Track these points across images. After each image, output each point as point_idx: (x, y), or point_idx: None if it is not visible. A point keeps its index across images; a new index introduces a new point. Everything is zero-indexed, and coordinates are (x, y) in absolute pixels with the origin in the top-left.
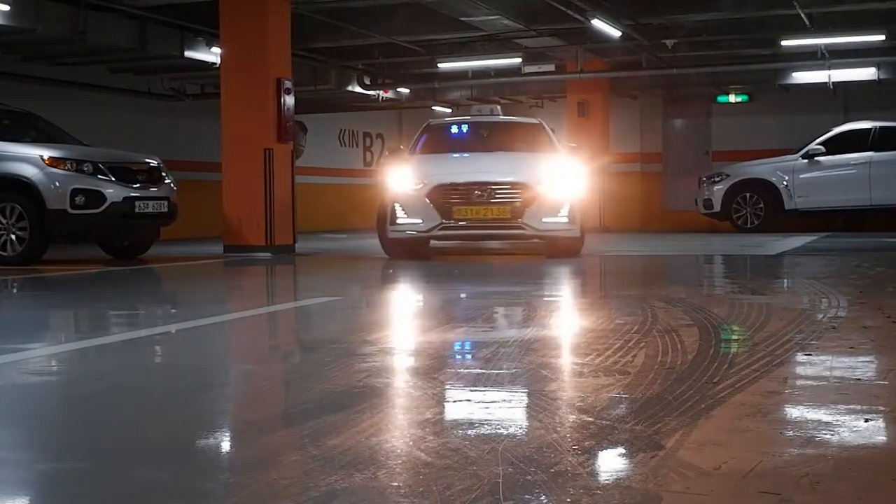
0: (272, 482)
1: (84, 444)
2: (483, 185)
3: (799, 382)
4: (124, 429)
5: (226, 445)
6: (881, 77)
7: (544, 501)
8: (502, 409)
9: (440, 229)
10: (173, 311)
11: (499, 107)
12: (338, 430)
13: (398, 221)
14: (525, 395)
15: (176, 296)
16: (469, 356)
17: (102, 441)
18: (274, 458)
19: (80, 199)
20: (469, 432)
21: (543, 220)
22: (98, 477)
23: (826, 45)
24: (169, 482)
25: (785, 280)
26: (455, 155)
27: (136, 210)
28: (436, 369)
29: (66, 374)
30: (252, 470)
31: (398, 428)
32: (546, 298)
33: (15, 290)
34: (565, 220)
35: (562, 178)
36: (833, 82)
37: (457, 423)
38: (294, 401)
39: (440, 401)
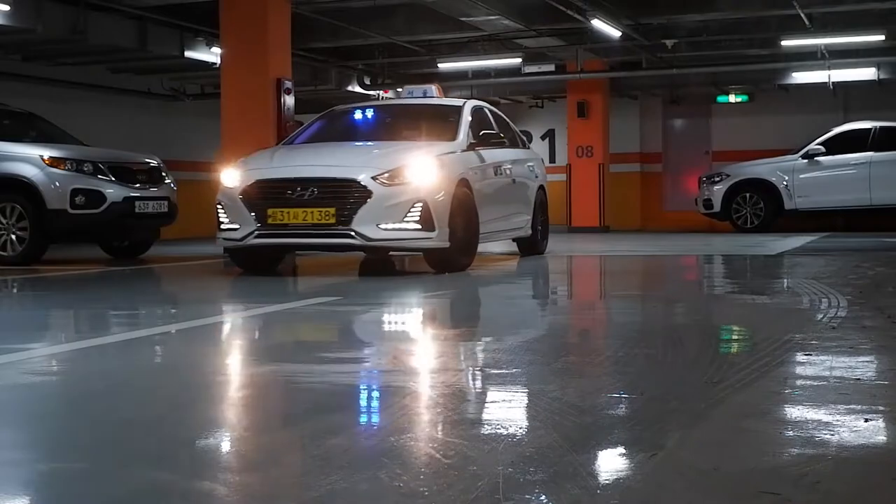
0: (274, 480)
1: (85, 443)
2: (305, 182)
3: (799, 382)
4: (125, 428)
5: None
6: (881, 77)
7: (544, 501)
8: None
9: (255, 237)
10: (173, 311)
11: (434, 87)
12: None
13: (221, 227)
14: (525, 394)
15: (176, 296)
16: None
17: (103, 441)
18: (276, 458)
19: (80, 199)
20: None
21: (381, 225)
22: (99, 477)
23: (826, 46)
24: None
25: (785, 280)
26: (316, 145)
27: (137, 210)
28: None
29: (66, 374)
30: (254, 469)
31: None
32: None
33: (15, 290)
34: (415, 225)
35: (421, 171)
36: (833, 82)
37: None
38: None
39: None
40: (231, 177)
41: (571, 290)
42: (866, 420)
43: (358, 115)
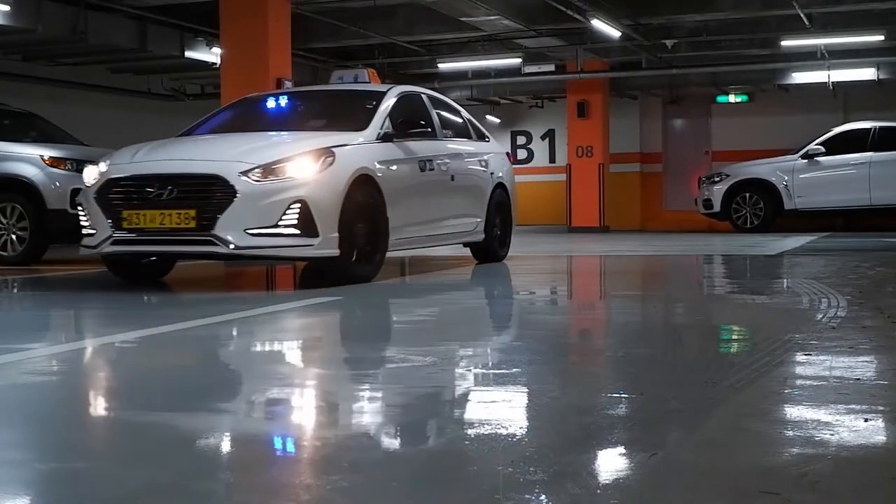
0: (274, 481)
1: (84, 443)
2: (163, 180)
3: (799, 382)
4: (123, 428)
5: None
6: (880, 77)
7: (544, 501)
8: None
9: (111, 243)
10: (172, 311)
11: (367, 72)
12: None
13: (83, 231)
14: (524, 394)
15: (177, 296)
16: None
17: (100, 440)
18: (286, 458)
19: None
20: None
21: (251, 230)
22: (98, 477)
23: (826, 46)
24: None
25: (784, 280)
26: (198, 137)
27: None
28: None
29: (66, 374)
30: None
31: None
32: None
33: (15, 290)
34: (291, 230)
35: (302, 164)
36: (832, 82)
37: None
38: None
39: None
40: (90, 173)
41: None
42: (866, 420)
43: (271, 102)
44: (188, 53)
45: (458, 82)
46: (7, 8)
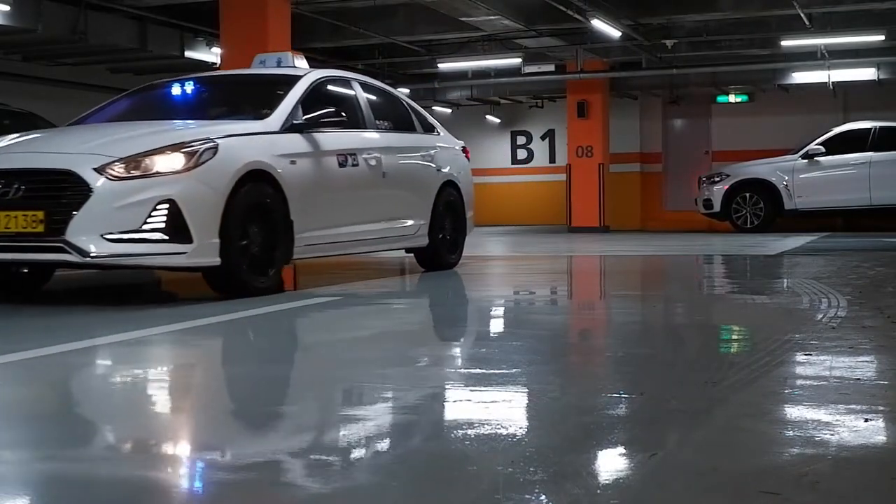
0: (275, 483)
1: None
2: (10, 176)
3: (799, 382)
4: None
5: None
6: (881, 77)
7: (544, 501)
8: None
9: None
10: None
11: (291, 55)
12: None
13: None
14: (525, 394)
15: (177, 296)
16: None
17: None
18: (276, 458)
19: None
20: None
21: (109, 235)
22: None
23: (826, 46)
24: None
25: (784, 280)
26: (73, 128)
27: None
28: None
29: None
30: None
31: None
32: None
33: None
34: (159, 235)
35: (173, 158)
36: (833, 82)
37: None
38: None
39: None
40: None
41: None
42: (866, 420)
43: (175, 89)
44: (188, 53)
45: (458, 82)
46: (7, 8)
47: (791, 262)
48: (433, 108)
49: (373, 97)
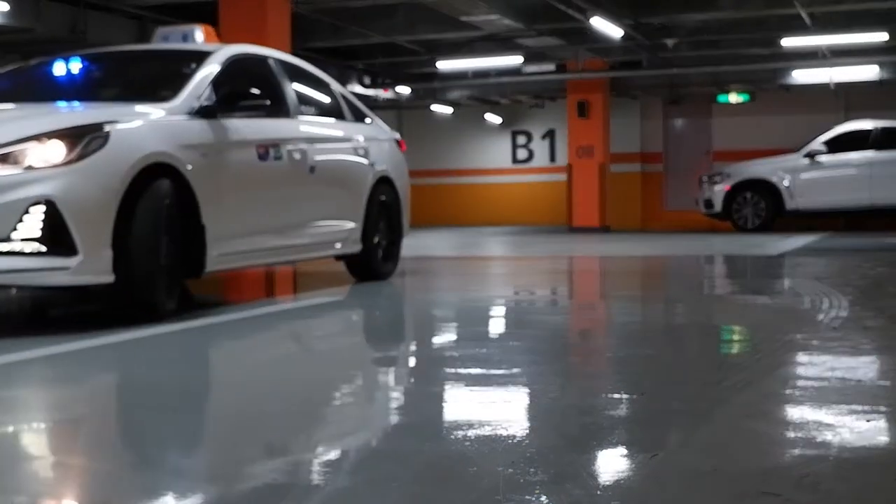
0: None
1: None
2: None
3: (800, 383)
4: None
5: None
6: (883, 77)
7: (545, 502)
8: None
9: None
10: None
11: (199, 29)
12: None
13: None
14: (525, 394)
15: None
16: None
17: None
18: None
19: None
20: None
21: None
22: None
23: (827, 45)
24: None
25: (786, 280)
26: None
27: None
28: None
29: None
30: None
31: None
32: None
33: (14, 292)
34: (33, 246)
35: (52, 149)
36: (834, 82)
37: None
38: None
39: None
40: None
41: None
42: (868, 421)
43: (59, 67)
44: None
45: (457, 82)
46: (6, 8)
47: (792, 263)
48: (433, 107)
49: (296, 79)
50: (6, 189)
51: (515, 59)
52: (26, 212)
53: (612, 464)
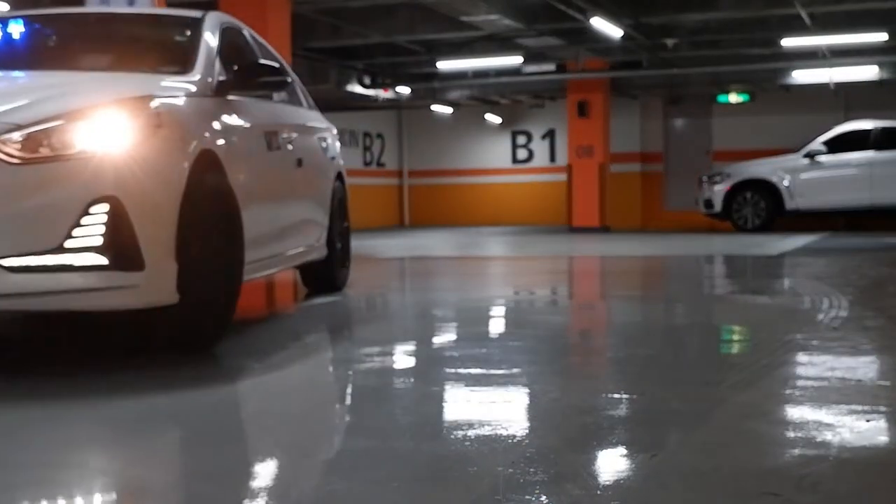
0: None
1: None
2: None
3: (800, 383)
4: None
5: None
6: (883, 77)
7: (545, 502)
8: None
9: None
10: None
11: None
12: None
13: None
14: (525, 394)
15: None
16: None
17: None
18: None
19: None
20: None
21: (9, 260)
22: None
23: (827, 45)
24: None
25: (786, 280)
26: None
27: None
28: None
29: None
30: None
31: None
32: None
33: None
34: (92, 258)
35: (114, 128)
36: (834, 82)
37: None
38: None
39: None
40: None
41: None
42: (868, 421)
43: (14, 28)
44: None
45: (457, 82)
46: (7, 8)
47: (792, 263)
48: (433, 107)
49: (265, 56)
50: (57, 182)
51: (515, 59)
52: (85, 212)
53: (612, 464)
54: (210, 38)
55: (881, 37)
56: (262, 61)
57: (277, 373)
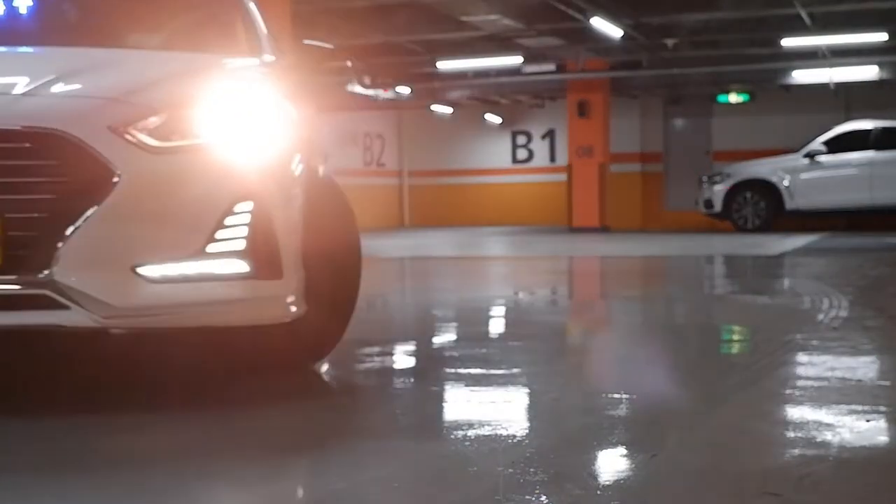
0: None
1: None
2: None
3: (800, 383)
4: None
5: None
6: (883, 77)
7: (545, 502)
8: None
9: None
10: None
11: None
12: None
13: None
14: (525, 394)
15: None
16: None
17: None
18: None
19: None
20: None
21: (141, 267)
22: None
23: (827, 45)
24: None
25: (786, 280)
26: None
27: None
28: None
29: None
30: None
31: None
32: None
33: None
34: (234, 264)
35: (252, 119)
36: (834, 82)
37: None
38: None
39: None
40: None
41: None
42: (868, 421)
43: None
44: None
45: (457, 82)
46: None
47: (792, 263)
48: (433, 107)
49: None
50: (199, 175)
51: (515, 59)
52: (230, 211)
53: (612, 464)
54: (257, 14)
55: (881, 37)
56: (311, 41)
57: (277, 372)
